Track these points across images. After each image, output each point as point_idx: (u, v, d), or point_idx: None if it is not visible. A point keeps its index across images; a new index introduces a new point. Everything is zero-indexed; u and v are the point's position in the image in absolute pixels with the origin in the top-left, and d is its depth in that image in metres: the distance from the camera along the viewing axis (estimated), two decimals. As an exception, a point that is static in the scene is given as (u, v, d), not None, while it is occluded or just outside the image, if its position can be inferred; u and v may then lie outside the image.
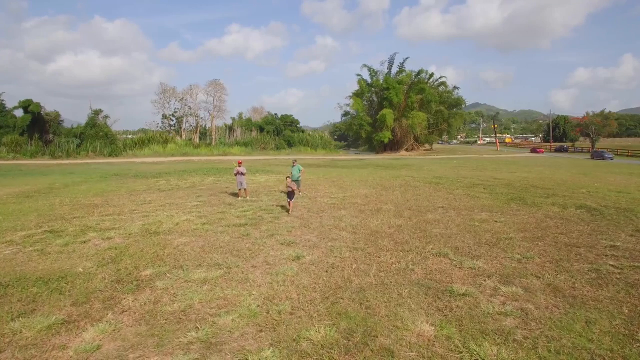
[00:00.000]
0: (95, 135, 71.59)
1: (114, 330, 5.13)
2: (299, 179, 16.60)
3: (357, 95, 73.08)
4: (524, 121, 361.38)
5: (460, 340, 4.86)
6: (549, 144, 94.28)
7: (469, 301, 6.04)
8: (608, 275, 7.35)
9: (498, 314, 5.61)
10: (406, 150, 72.92)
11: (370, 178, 24.01)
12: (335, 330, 5.08)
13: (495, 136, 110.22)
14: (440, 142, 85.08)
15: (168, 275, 7.12)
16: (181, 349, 4.66)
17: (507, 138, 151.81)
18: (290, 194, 12.97)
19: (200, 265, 7.74)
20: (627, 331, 5.15)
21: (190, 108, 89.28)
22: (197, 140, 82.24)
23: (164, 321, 5.37)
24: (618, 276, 7.31)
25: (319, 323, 5.28)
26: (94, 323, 5.30)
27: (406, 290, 6.43)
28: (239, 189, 15.72)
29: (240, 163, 16.03)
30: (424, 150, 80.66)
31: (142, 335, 4.97)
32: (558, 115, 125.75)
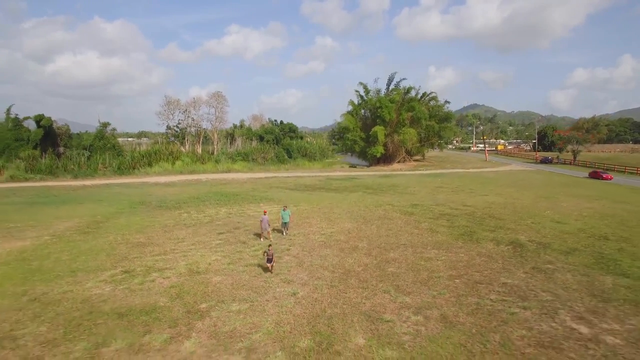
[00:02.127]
0: (103, 147, 76.40)
1: (199, 342, 9.91)
2: (288, 221, 20.83)
3: (350, 113, 78.06)
4: (521, 123, 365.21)
5: (376, 348, 9.67)
6: (535, 153, 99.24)
7: (390, 325, 10.85)
8: (483, 307, 12.15)
9: (402, 333, 10.41)
10: (398, 162, 77.81)
11: (356, 208, 28.78)
12: (313, 342, 9.89)
13: (484, 146, 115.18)
14: (435, 148, 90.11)
15: (217, 308, 11.91)
16: (237, 352, 9.45)
17: (500, 145, 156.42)
18: (269, 260, 15.14)
19: (234, 300, 12.53)
20: (464, 343, 9.96)
21: (193, 120, 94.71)
22: (199, 150, 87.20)
23: (223, 337, 10.15)
24: (489, 307, 12.11)
25: (304, 337, 10.09)
26: (187, 339, 10.09)
27: (356, 318, 11.25)
28: (263, 232, 19.85)
29: (266, 212, 20.47)
30: (415, 161, 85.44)
31: (214, 345, 9.75)
32: (547, 124, 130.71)
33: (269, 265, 15.13)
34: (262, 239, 19.64)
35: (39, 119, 74.84)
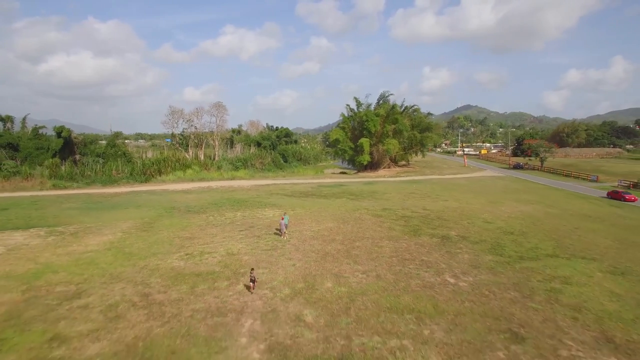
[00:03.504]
0: (114, 154, 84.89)
1: (244, 286, 18.98)
2: (287, 224, 29.60)
3: (340, 127, 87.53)
4: (512, 125, 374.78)
5: (337, 287, 18.81)
6: (509, 159, 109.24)
7: (346, 278, 20.00)
8: (403, 271, 21.33)
9: (352, 282, 19.56)
10: (383, 169, 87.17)
11: (338, 212, 37.92)
12: (304, 285, 19.01)
13: (463, 152, 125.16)
14: (419, 154, 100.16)
15: (251, 272, 20.97)
16: (266, 289, 18.52)
17: (483, 149, 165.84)
18: (252, 280, 18.45)
19: (259, 267, 21.58)
20: (385, 286, 19.13)
21: (196, 128, 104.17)
22: (202, 156, 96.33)
23: (260, 284, 19.20)
24: (406, 271, 21.28)
25: (300, 283, 19.22)
26: (237, 284, 19.16)
27: (328, 275, 20.40)
28: (282, 232, 28.45)
29: (283, 217, 29.16)
30: (400, 167, 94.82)
31: (258, 290, 18.77)
32: (524, 131, 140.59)
33: (251, 284, 18.56)
34: (282, 236, 28.20)
35: (59, 130, 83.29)
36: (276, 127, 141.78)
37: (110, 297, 17.72)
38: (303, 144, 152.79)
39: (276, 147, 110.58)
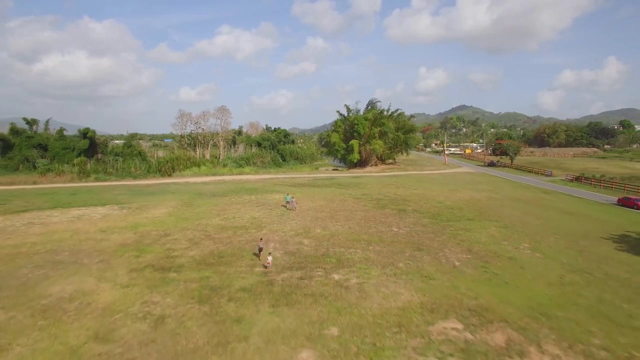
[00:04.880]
0: (131, 153, 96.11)
1: (267, 232, 31.01)
2: (290, 200, 41.57)
3: (335, 130, 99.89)
4: (504, 125, 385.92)
5: (322, 232, 30.93)
6: (485, 157, 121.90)
7: (330, 228, 32.12)
8: (367, 225, 33.46)
9: (333, 229, 31.67)
10: (371, 166, 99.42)
11: (328, 196, 50.04)
12: (302, 231, 31.08)
13: (444, 150, 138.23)
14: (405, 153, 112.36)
15: (269, 227, 32.92)
16: (278, 235, 30.56)
17: (468, 149, 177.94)
18: (260, 249, 24.50)
19: (273, 224, 33.56)
20: (356, 231, 31.28)
21: (203, 130, 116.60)
22: (208, 155, 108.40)
23: (275, 231, 31.17)
24: (369, 225, 33.41)
25: (298, 230, 31.29)
26: (261, 232, 31.22)
27: (317, 227, 32.50)
28: (292, 206, 40.54)
29: (293, 197, 41.31)
30: (386, 165, 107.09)
31: (272, 232, 30.73)
32: (504, 132, 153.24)
33: (259, 253, 24.40)
34: (292, 210, 40.20)
35: (85, 132, 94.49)
36: (274, 128, 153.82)
37: (187, 236, 29.75)
38: (300, 144, 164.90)
39: (275, 147, 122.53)
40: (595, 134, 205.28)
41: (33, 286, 19.95)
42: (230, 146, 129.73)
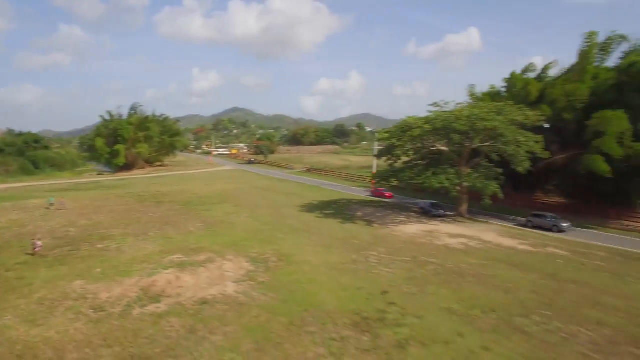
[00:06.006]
0: None
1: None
2: (58, 201, 45.55)
3: (99, 135, 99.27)
4: (272, 127, 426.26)
5: (70, 226, 37.86)
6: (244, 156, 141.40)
7: (86, 222, 39.09)
8: (127, 213, 41.72)
9: (92, 224, 38.84)
10: (138, 169, 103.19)
11: (93, 197, 54.70)
12: (66, 223, 37.18)
13: (210, 152, 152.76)
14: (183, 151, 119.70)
15: (34, 223, 37.31)
16: (49, 227, 35.86)
17: (234, 149, 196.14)
18: (34, 248, 27.37)
19: (38, 221, 38.05)
20: (114, 219, 39.25)
21: None
22: None
23: (41, 227, 36.11)
24: (128, 213, 41.73)
25: (67, 224, 37.31)
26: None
27: (80, 218, 39.00)
28: (60, 208, 43.91)
29: (62, 199, 44.33)
30: (154, 167, 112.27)
31: (42, 233, 35.70)
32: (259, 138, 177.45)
33: (34, 251, 27.49)
34: (57, 211, 43.78)
35: None
36: (20, 132, 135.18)
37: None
38: (56, 149, 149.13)
39: (24, 154, 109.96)
40: (338, 134, 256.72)
41: None
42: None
